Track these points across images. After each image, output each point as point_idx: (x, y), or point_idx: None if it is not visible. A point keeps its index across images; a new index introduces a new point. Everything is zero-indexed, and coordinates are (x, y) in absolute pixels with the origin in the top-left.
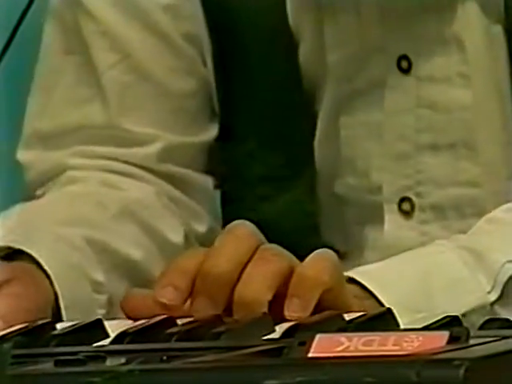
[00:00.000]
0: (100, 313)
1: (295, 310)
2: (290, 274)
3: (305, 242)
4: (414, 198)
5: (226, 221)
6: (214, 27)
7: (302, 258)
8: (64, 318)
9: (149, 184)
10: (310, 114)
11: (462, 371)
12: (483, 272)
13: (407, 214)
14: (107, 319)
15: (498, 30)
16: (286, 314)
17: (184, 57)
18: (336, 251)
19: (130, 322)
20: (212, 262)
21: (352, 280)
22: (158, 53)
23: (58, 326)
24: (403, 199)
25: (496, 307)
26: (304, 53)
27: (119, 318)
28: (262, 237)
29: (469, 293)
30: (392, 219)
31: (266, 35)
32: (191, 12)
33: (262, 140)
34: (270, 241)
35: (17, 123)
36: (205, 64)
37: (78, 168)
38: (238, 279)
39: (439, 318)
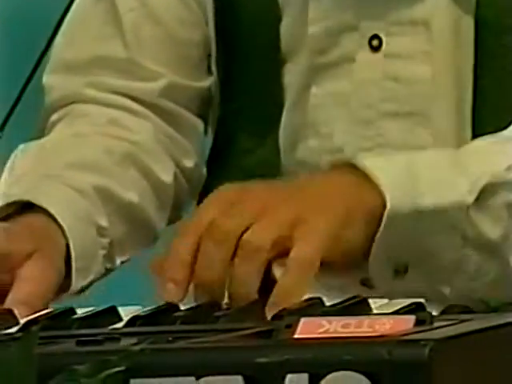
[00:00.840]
0: (101, 253)
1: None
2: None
3: None
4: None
5: (212, 167)
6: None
7: None
8: (73, 267)
9: (148, 121)
10: (283, 82)
11: (427, 350)
12: (464, 177)
13: None
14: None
15: (468, 20)
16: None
17: (192, 12)
18: None
19: (139, 308)
20: (202, 267)
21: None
22: (172, 4)
23: (78, 311)
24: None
25: (471, 211)
26: (286, 26)
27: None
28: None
29: (450, 190)
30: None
31: (257, 8)
32: None
33: (247, 99)
34: None
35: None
36: (207, 24)
37: (90, 101)
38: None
39: (406, 303)
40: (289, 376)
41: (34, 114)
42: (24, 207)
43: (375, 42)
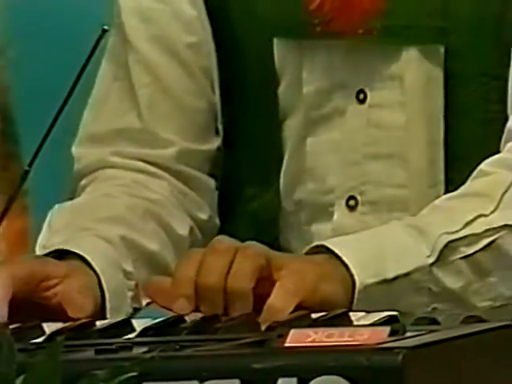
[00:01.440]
0: (129, 295)
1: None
2: (266, 266)
3: (275, 237)
4: (357, 196)
5: (222, 214)
6: (222, 65)
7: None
8: (107, 299)
9: (166, 182)
10: (283, 136)
11: (400, 357)
12: (424, 242)
13: (352, 208)
14: (134, 318)
15: (438, 72)
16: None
17: (198, 83)
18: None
19: (150, 320)
20: (204, 276)
21: (315, 250)
22: (180, 78)
23: (97, 323)
24: (350, 197)
25: (434, 269)
26: (283, 89)
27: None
28: (237, 243)
29: (412, 257)
30: (340, 212)
31: (258, 76)
32: (207, 50)
33: (250, 153)
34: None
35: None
36: (213, 91)
37: (115, 167)
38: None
39: (382, 316)
40: (280, 380)
41: (59, 151)
42: (61, 258)
43: (361, 96)
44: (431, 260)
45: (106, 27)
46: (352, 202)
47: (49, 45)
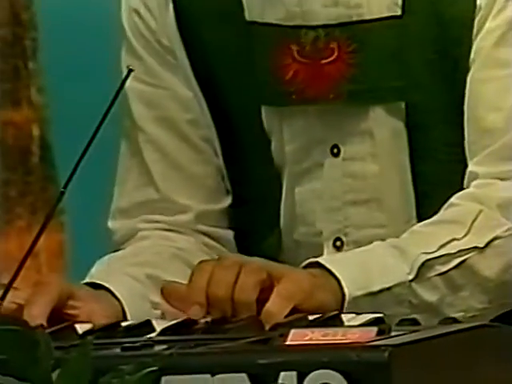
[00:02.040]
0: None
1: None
2: (267, 278)
3: None
4: (343, 237)
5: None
6: (221, 133)
7: None
8: None
9: (189, 236)
10: (279, 188)
11: (387, 354)
12: (405, 261)
13: (338, 248)
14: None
15: (401, 125)
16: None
17: (203, 152)
18: None
19: (168, 321)
20: (215, 288)
21: (311, 265)
22: (185, 151)
23: (123, 324)
24: (336, 239)
25: (413, 284)
26: (274, 147)
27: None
28: (243, 258)
29: (394, 274)
30: (329, 252)
31: (252, 138)
32: (206, 123)
33: (255, 205)
34: None
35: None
36: (217, 156)
37: (145, 230)
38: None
39: (370, 317)
40: (282, 374)
41: (93, 173)
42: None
43: (335, 150)
44: (411, 276)
45: (131, 67)
46: (338, 243)
47: (84, 72)
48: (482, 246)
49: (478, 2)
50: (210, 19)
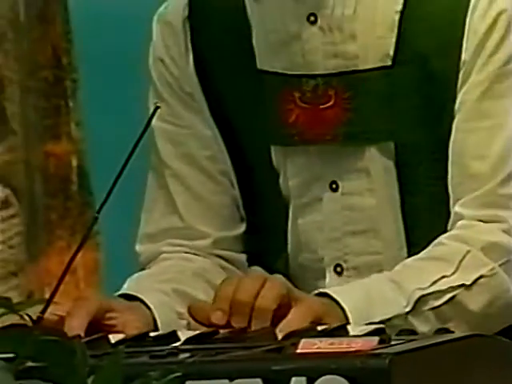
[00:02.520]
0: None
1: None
2: (286, 295)
3: None
4: (343, 264)
5: None
6: (236, 167)
7: None
8: (159, 330)
9: (208, 258)
10: (286, 217)
11: (387, 361)
12: (402, 295)
13: (339, 274)
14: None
15: (391, 163)
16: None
17: (220, 184)
18: None
19: (192, 332)
20: (240, 294)
21: (321, 294)
22: (205, 184)
23: (151, 334)
24: (336, 265)
25: (409, 317)
26: (281, 181)
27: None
28: (266, 274)
29: (393, 306)
30: (330, 277)
31: (263, 173)
32: (223, 158)
33: (266, 232)
34: None
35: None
36: (233, 187)
37: (167, 252)
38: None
39: (372, 328)
40: (293, 379)
41: (126, 200)
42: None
43: (334, 186)
44: (407, 309)
45: (158, 104)
46: (339, 269)
47: (117, 107)
48: (468, 283)
49: (463, 56)
50: (225, 67)
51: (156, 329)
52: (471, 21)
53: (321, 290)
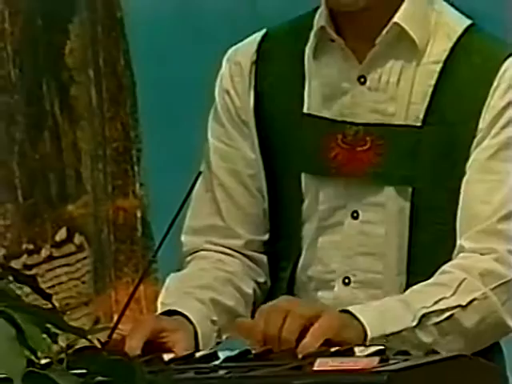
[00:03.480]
0: (214, 335)
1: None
2: (308, 322)
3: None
4: (351, 277)
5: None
6: (269, 186)
7: None
8: (200, 340)
9: (238, 260)
10: (302, 235)
11: (386, 377)
12: (409, 312)
13: (346, 284)
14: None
15: (407, 204)
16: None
17: (256, 197)
18: None
19: (230, 352)
20: (268, 329)
21: (344, 310)
22: (244, 196)
23: (196, 354)
24: (345, 277)
25: (416, 330)
26: (306, 204)
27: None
28: (290, 305)
29: (402, 322)
30: (338, 286)
31: (290, 195)
32: (260, 178)
33: (284, 243)
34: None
35: None
36: (265, 202)
37: (207, 250)
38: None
39: (374, 349)
40: None
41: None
42: (171, 313)
43: (355, 214)
44: (414, 324)
45: (201, 170)
46: (347, 281)
47: (175, 166)
48: (464, 304)
49: (480, 125)
50: (277, 106)
51: (197, 340)
52: (492, 98)
53: (343, 308)
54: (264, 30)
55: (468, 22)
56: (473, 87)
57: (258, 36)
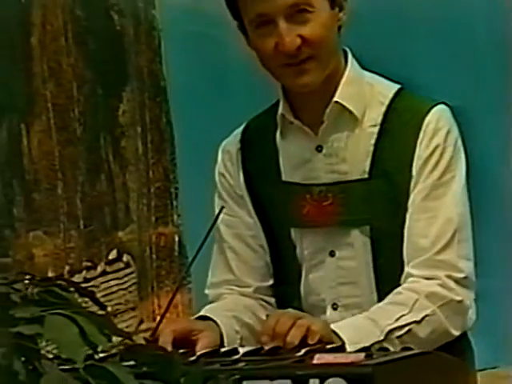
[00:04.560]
0: (238, 342)
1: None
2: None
3: None
4: (337, 303)
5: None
6: (269, 242)
7: None
8: (225, 342)
9: (252, 299)
10: (299, 274)
11: (371, 369)
12: (377, 328)
13: (335, 309)
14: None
15: (368, 240)
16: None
17: (258, 252)
18: None
19: (247, 347)
20: (278, 329)
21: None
22: (248, 252)
23: (221, 349)
24: (333, 303)
25: (383, 343)
26: (298, 250)
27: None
28: (299, 314)
29: (372, 337)
30: (329, 311)
31: (286, 246)
32: (260, 236)
33: (287, 283)
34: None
35: None
36: (266, 254)
37: (225, 294)
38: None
39: (360, 347)
40: (310, 380)
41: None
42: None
43: (332, 253)
44: (382, 338)
45: (223, 206)
46: (335, 306)
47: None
48: (418, 320)
49: (413, 172)
50: (262, 179)
51: (222, 341)
52: (419, 149)
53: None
54: (245, 123)
55: (397, 86)
56: (404, 142)
57: (240, 129)
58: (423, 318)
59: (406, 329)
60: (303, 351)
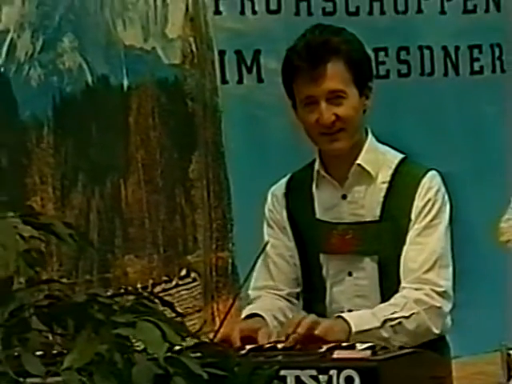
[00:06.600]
0: (274, 336)
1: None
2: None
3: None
4: (353, 309)
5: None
6: (301, 261)
7: None
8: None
9: (283, 300)
10: (324, 286)
11: (376, 363)
12: (376, 318)
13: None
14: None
15: (375, 265)
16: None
17: (293, 267)
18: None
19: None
20: (299, 329)
21: (338, 316)
22: (287, 267)
23: (265, 346)
24: (349, 310)
25: (380, 329)
26: (324, 270)
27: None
28: (318, 318)
29: (372, 323)
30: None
31: (315, 265)
32: (296, 256)
33: (313, 292)
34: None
35: None
36: (299, 270)
37: (264, 295)
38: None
39: (368, 345)
40: (330, 371)
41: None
42: (251, 316)
43: (350, 274)
44: (378, 325)
45: (267, 241)
46: (350, 312)
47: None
48: (407, 315)
49: (412, 217)
50: (301, 216)
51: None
52: (417, 201)
53: (338, 315)
54: (289, 175)
55: (401, 156)
56: (406, 195)
57: (285, 179)
58: (411, 315)
59: (398, 321)
60: (325, 348)
